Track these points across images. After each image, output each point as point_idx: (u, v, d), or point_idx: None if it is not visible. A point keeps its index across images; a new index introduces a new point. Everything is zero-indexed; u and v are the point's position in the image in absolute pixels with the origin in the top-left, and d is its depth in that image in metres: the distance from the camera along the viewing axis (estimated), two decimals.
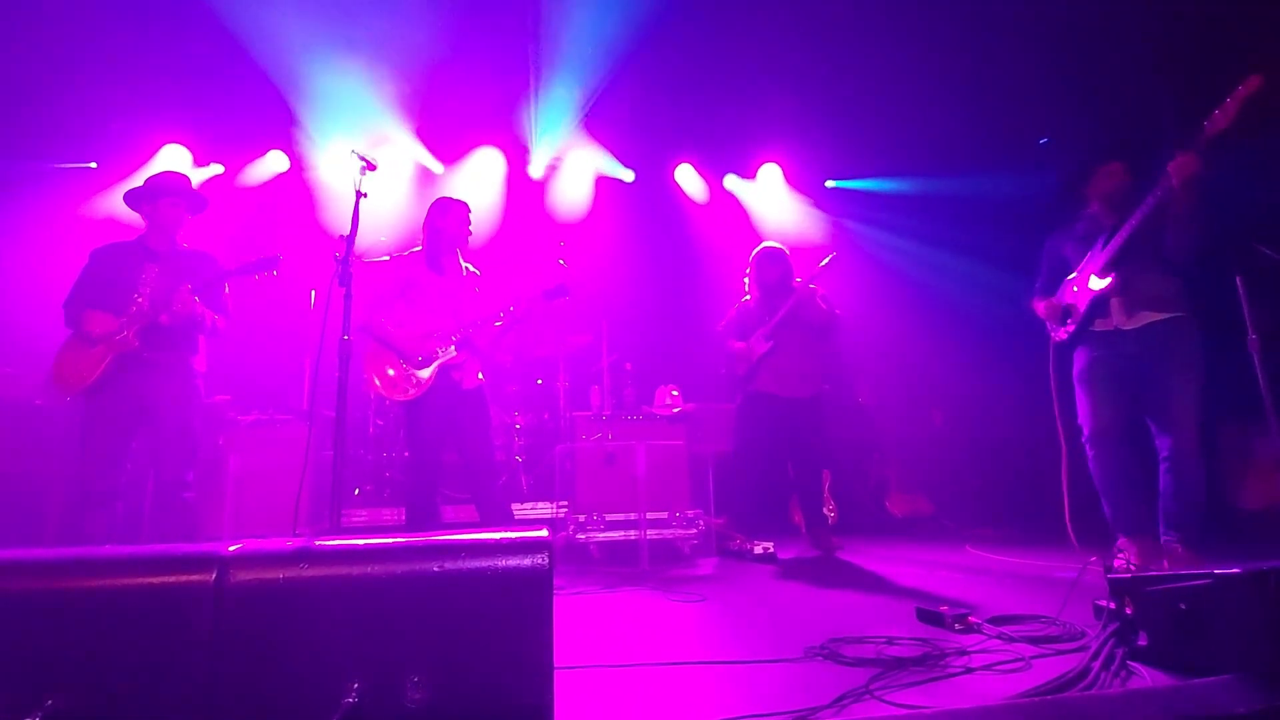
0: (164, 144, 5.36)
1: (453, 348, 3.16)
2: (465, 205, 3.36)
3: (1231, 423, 4.41)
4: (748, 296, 4.27)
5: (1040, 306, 3.25)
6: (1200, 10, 4.15)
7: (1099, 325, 3.05)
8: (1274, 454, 2.38)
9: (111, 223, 4.39)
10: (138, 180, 3.20)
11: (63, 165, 5.25)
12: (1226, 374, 3.00)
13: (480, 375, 3.32)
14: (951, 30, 4.58)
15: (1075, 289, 3.12)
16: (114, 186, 4.91)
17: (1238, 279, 2.52)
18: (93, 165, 5.36)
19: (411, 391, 3.11)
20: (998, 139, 5.47)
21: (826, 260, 3.98)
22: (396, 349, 3.13)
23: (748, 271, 4.24)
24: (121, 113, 5.13)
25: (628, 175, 6.23)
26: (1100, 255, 3.02)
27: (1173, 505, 2.85)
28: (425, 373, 3.12)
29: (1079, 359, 3.14)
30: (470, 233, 3.37)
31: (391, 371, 3.13)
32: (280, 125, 5.30)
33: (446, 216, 3.31)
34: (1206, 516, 2.82)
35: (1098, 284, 3.00)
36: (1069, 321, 3.13)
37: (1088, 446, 3.08)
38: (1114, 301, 2.98)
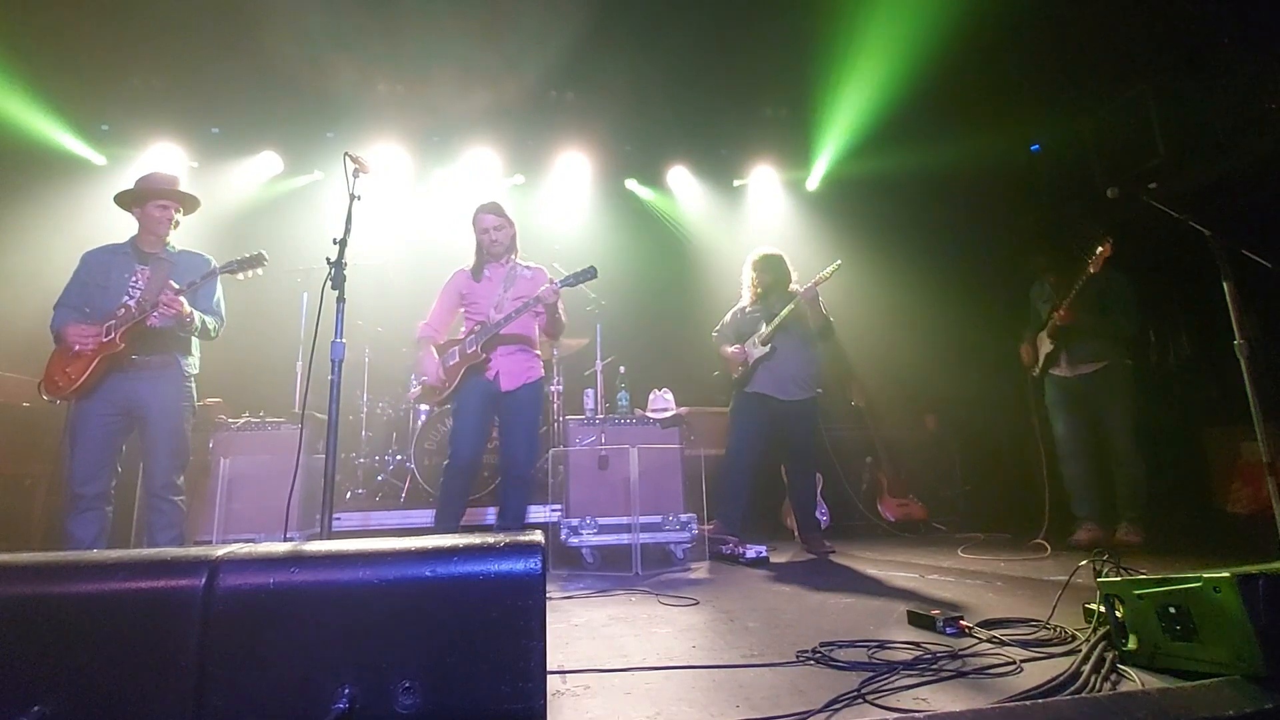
0: (156, 141, 5.33)
1: (478, 349, 3.23)
2: (486, 215, 3.40)
3: (1219, 427, 4.45)
4: (743, 300, 4.27)
5: (1021, 351, 4.29)
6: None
7: (1055, 370, 4.11)
8: (1261, 458, 2.40)
9: (106, 223, 4.37)
10: (129, 181, 3.17)
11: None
12: (1215, 379, 3.04)
13: (530, 376, 3.35)
14: (949, 33, 4.61)
15: (1039, 341, 4.18)
16: (110, 186, 4.88)
17: (1225, 284, 2.54)
18: (102, 161, 5.34)
19: (444, 393, 3.29)
20: (992, 145, 5.51)
21: (833, 268, 3.89)
22: (440, 353, 3.33)
23: (745, 275, 4.24)
24: (117, 110, 5.10)
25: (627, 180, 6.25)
26: (1047, 321, 4.08)
27: (1123, 494, 3.84)
28: (454, 374, 3.26)
29: (1048, 392, 4.17)
30: (495, 239, 3.38)
31: (435, 374, 3.29)
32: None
33: (475, 227, 3.45)
34: (1150, 502, 3.82)
35: (1047, 344, 4.10)
36: (1036, 366, 4.20)
37: (1060, 458, 4.10)
38: (1061, 355, 4.05)
